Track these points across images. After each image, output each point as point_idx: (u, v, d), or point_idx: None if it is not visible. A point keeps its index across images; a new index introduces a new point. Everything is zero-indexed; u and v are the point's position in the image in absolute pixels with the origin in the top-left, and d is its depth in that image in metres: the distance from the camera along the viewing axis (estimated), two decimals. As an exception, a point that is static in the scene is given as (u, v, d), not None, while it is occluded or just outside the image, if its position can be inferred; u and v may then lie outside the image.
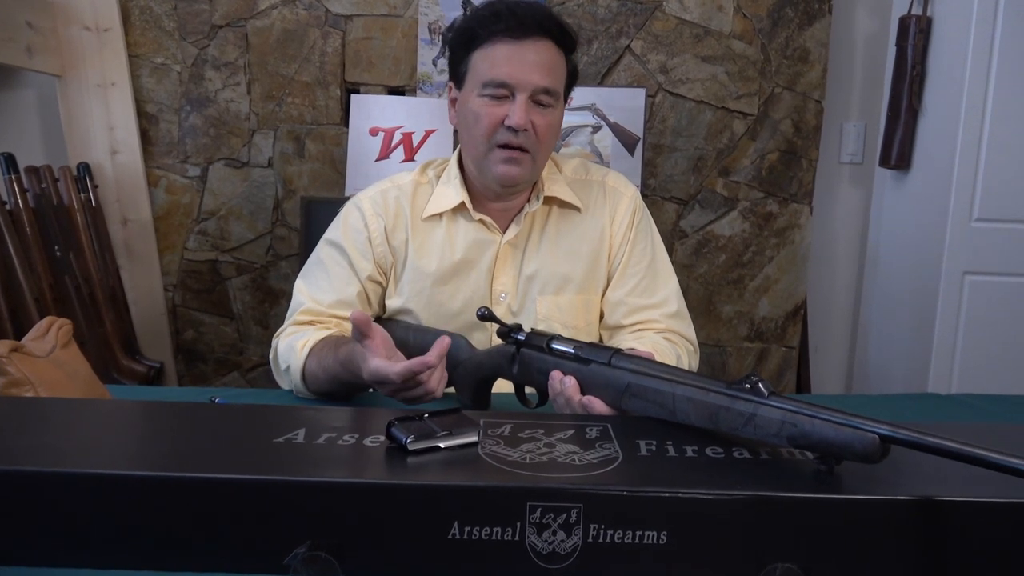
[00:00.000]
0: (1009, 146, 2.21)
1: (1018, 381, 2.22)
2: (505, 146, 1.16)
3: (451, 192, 1.25)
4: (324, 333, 1.17)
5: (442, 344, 0.97)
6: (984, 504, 0.59)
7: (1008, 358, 2.29)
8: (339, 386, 1.10)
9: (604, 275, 1.29)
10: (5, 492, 0.59)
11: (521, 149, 1.17)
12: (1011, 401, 1.23)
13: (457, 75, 1.22)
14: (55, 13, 2.36)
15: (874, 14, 2.61)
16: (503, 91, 1.15)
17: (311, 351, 1.13)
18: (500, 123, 1.16)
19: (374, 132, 2.27)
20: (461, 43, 1.19)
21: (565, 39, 1.19)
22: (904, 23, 2.36)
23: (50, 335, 0.97)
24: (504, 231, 1.26)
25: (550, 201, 1.27)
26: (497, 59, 1.15)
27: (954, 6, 2.26)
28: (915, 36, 2.33)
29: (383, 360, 0.96)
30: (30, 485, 0.59)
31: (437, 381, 0.98)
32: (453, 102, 1.24)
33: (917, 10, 2.34)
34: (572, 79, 1.24)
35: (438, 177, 1.28)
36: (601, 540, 0.58)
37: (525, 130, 1.15)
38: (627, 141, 2.31)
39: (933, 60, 2.34)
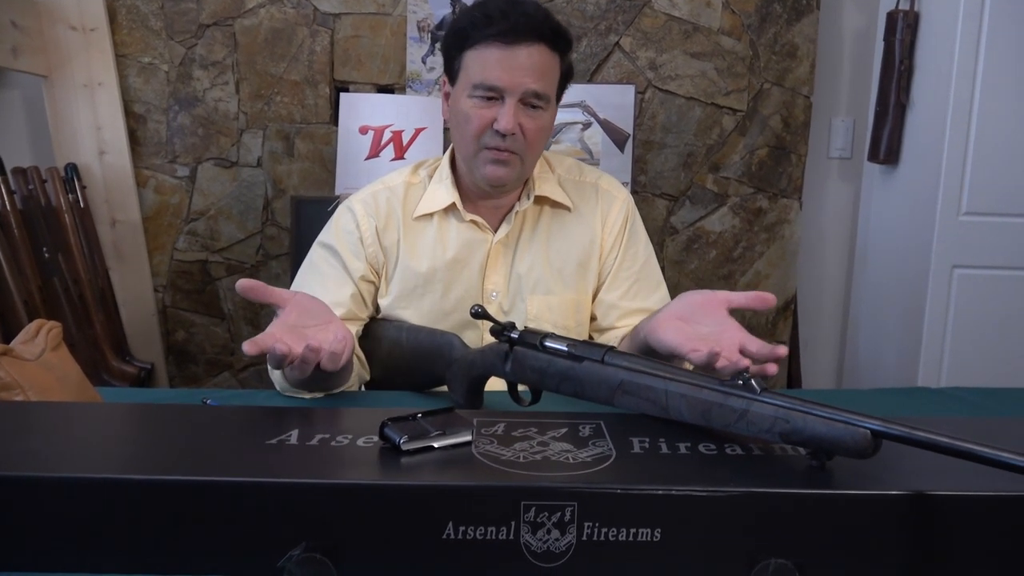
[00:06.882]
0: (997, 140, 2.22)
1: (1007, 374, 2.23)
2: (493, 148, 1.17)
3: (442, 192, 1.25)
4: None
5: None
6: (975, 498, 0.59)
7: (996, 351, 2.30)
8: (309, 376, 1.01)
9: (595, 277, 1.30)
10: (-4, 497, 0.59)
11: (509, 151, 1.17)
12: (1000, 394, 1.23)
13: (450, 71, 1.22)
14: (40, 13, 2.34)
15: (862, 9, 2.62)
16: (492, 94, 1.15)
17: None
18: (489, 125, 1.16)
19: (364, 131, 2.26)
20: (454, 42, 1.19)
21: (559, 41, 1.18)
22: (892, 18, 2.38)
23: (39, 338, 0.96)
24: (495, 230, 1.26)
25: (541, 201, 1.27)
26: (488, 62, 1.15)
27: (941, 1, 2.27)
28: (903, 31, 2.34)
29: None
30: (20, 490, 0.59)
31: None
32: (447, 96, 1.25)
33: (904, 5, 2.35)
34: (566, 79, 1.23)
35: (430, 177, 1.29)
36: (596, 538, 0.58)
37: (513, 134, 1.15)
38: (617, 138, 2.31)
39: (921, 55, 2.35)
